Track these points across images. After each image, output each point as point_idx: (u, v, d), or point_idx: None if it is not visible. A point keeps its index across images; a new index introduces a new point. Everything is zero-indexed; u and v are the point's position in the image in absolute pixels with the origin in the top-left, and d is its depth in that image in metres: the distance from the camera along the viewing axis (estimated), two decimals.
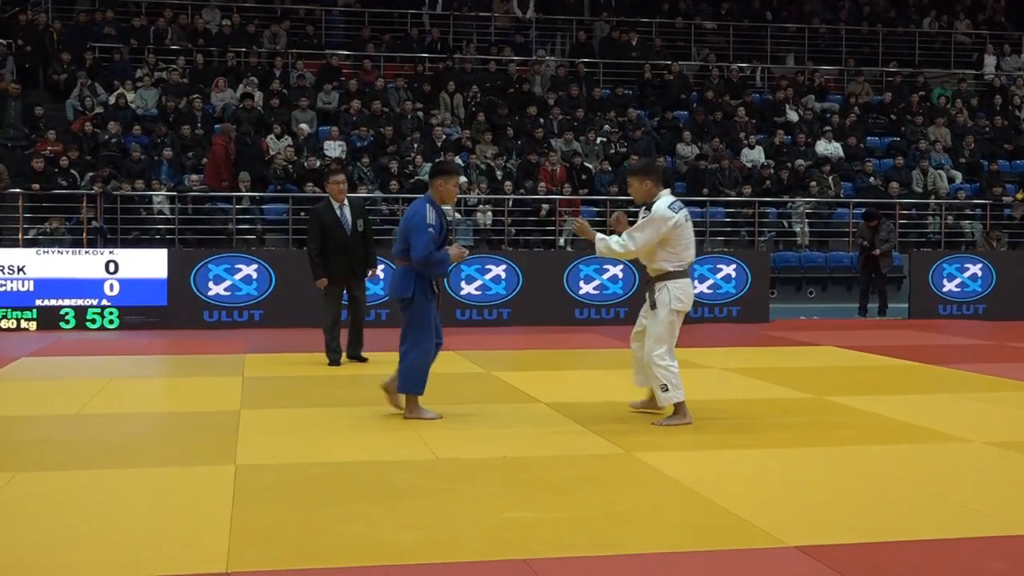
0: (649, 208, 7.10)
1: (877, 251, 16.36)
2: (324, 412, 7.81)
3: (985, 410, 8.11)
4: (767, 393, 8.82)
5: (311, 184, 17.33)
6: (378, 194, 17.82)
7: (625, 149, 19.78)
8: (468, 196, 17.80)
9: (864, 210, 17.42)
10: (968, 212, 19.73)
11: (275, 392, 8.80)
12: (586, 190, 18.60)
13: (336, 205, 10.42)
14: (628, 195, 18.27)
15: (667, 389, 7.06)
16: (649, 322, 7.14)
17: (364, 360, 10.48)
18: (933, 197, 19.63)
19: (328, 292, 10.39)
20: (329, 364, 10.38)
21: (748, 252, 16.72)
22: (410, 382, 7.26)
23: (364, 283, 10.63)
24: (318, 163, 17.96)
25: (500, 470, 5.93)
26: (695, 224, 18.44)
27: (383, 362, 10.63)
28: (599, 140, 20.26)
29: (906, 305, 16.55)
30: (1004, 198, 19.73)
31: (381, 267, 13.07)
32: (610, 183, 18.59)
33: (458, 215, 17.47)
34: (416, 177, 18.27)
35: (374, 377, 9.69)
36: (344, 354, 10.50)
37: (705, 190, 18.96)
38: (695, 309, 15.14)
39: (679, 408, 7.13)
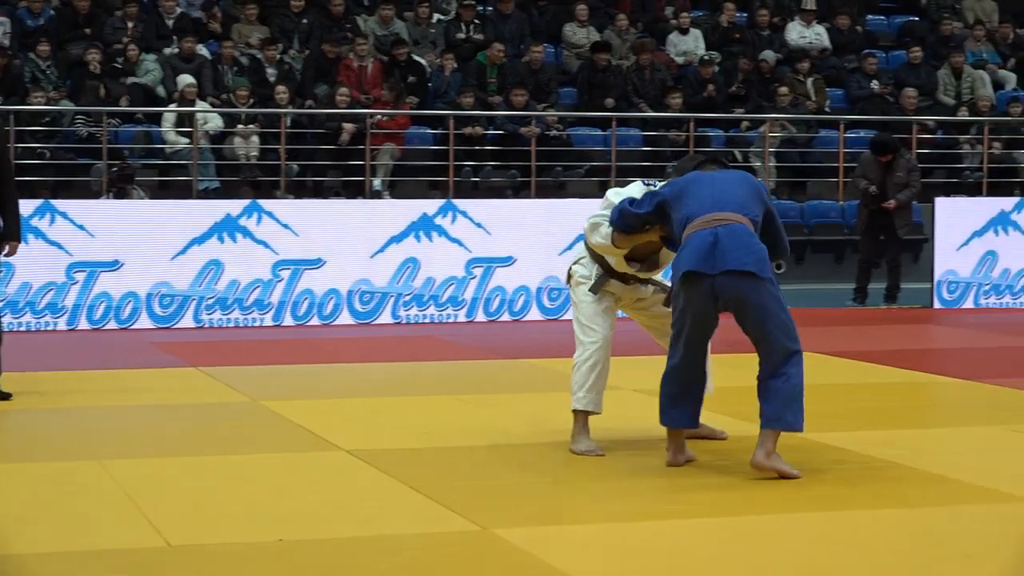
0: None
1: (892, 202, 16.64)
2: None
3: None
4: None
5: None
6: (67, 106, 17.52)
7: (482, 36, 19.86)
8: (205, 109, 17.64)
9: (875, 136, 17.74)
10: None
11: None
12: (417, 99, 18.62)
13: None
14: (480, 109, 18.57)
15: None
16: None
17: (6, 397, 10.11)
18: (967, 112, 20.23)
19: None
20: None
21: None
22: (802, 411, 7.46)
23: None
24: None
25: (272, 562, 5.95)
26: (595, 153, 18.89)
27: (36, 395, 10.42)
28: (436, 18, 20.28)
29: (928, 285, 17.04)
30: None
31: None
32: (460, 89, 18.63)
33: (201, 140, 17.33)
34: (132, 79, 18.01)
35: (37, 416, 9.59)
36: None
37: (609, 101, 19.20)
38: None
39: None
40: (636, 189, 8.15)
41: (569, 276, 8.42)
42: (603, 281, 8.21)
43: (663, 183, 8.16)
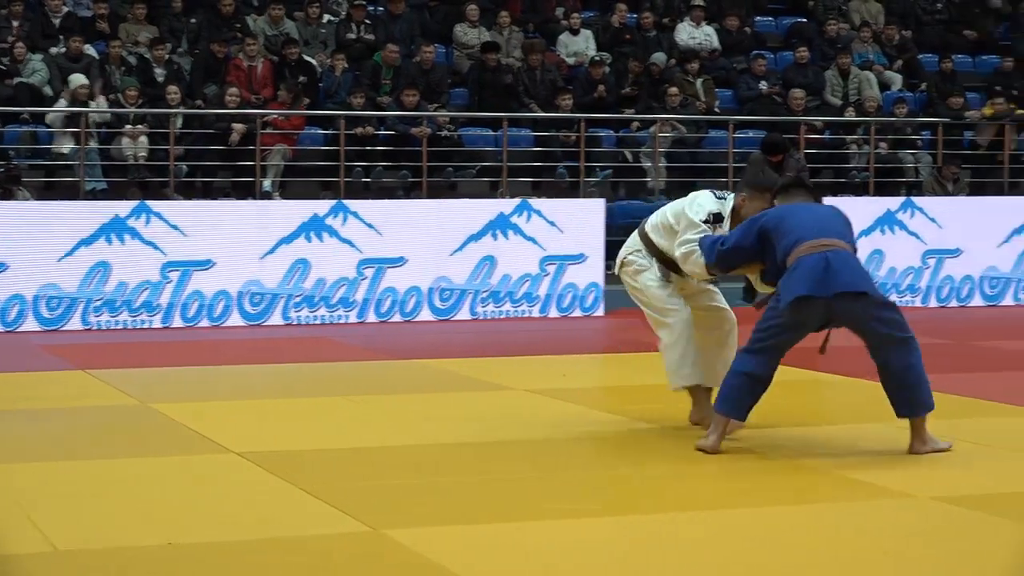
0: None
1: None
2: None
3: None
4: (588, 424, 9.12)
5: None
6: None
7: (372, 36, 19.82)
8: (97, 110, 17.49)
9: (765, 136, 17.85)
10: (910, 136, 20.71)
11: None
12: (308, 100, 18.56)
13: None
14: (370, 109, 18.54)
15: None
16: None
17: None
18: (854, 112, 20.47)
19: None
20: None
21: (572, 202, 17.26)
22: (930, 388, 8.21)
23: None
24: None
25: (161, 565, 5.93)
26: (486, 153, 18.93)
27: None
28: (327, 18, 20.21)
29: None
30: (965, 114, 20.78)
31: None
32: (351, 90, 18.59)
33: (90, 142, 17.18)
34: (18, 79, 17.83)
35: None
36: None
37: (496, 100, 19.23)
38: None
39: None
40: (707, 200, 8.72)
41: (622, 265, 8.97)
42: (667, 272, 8.85)
43: (732, 194, 8.79)
